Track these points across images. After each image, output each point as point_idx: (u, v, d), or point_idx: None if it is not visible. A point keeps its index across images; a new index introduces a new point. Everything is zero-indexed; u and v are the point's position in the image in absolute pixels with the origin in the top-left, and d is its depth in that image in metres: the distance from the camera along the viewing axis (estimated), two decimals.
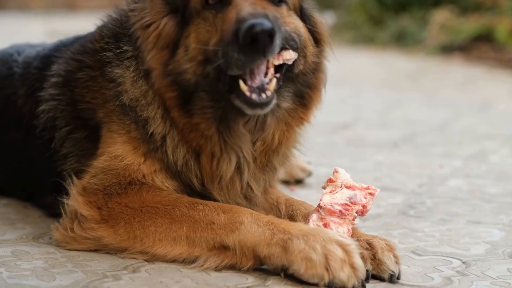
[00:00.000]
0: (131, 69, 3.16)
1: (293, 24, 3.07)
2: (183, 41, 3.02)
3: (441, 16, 13.01)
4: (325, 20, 3.33)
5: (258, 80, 2.87)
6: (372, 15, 14.72)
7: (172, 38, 3.03)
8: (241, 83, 2.86)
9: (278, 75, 2.96)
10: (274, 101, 2.92)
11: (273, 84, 2.91)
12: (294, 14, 3.14)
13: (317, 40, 3.22)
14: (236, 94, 2.89)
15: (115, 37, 3.25)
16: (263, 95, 2.86)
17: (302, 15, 3.19)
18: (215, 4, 2.98)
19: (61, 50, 3.54)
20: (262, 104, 2.87)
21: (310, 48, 3.14)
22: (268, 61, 2.89)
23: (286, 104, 3.12)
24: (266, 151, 3.17)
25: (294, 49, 2.99)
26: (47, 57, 3.59)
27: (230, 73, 2.85)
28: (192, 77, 2.98)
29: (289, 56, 2.96)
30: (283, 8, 3.07)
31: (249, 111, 2.91)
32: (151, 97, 3.10)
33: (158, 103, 3.09)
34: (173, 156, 3.10)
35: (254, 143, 3.13)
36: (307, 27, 3.16)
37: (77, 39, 3.60)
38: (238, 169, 3.13)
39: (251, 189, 3.20)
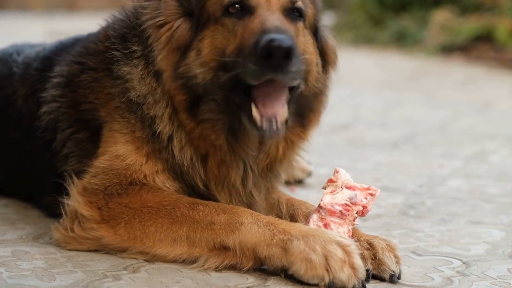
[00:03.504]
0: (140, 68, 3.14)
1: (303, 44, 3.05)
2: (195, 45, 3.00)
3: (441, 16, 13.01)
4: (335, 43, 3.29)
5: (272, 110, 2.84)
6: (372, 15, 14.72)
7: (185, 41, 3.02)
8: (253, 108, 2.84)
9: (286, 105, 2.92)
10: (283, 131, 2.89)
11: (285, 113, 2.88)
12: (308, 33, 3.12)
13: (325, 63, 3.20)
14: (247, 116, 2.87)
15: (122, 37, 3.23)
16: (274, 126, 2.83)
17: (316, 34, 3.18)
18: (236, 13, 2.97)
19: (63, 51, 3.53)
20: (272, 136, 2.88)
21: (314, 73, 3.10)
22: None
23: (289, 121, 3.11)
24: (270, 162, 3.19)
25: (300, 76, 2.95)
26: (48, 58, 3.58)
27: (248, 82, 2.81)
28: (201, 82, 2.98)
29: (296, 82, 2.93)
30: (299, 25, 3.06)
31: (255, 136, 2.92)
32: (159, 95, 3.09)
33: (166, 102, 3.08)
34: (179, 157, 3.09)
35: (258, 153, 3.13)
36: (318, 48, 3.15)
37: (78, 40, 3.59)
38: (244, 174, 3.14)
39: (252, 196, 3.20)
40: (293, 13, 3.03)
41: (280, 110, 2.86)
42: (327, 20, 3.46)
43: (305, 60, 2.99)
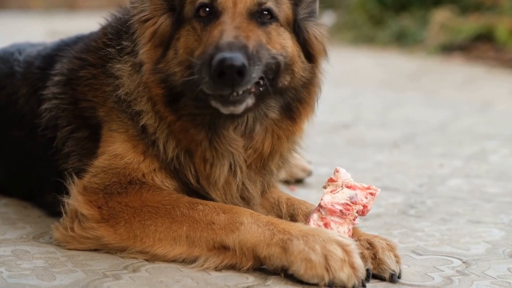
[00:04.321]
0: (129, 64, 3.17)
1: (280, 44, 3.04)
2: (174, 43, 3.04)
3: (441, 16, 13.02)
4: (323, 29, 3.25)
5: (223, 91, 2.85)
6: (372, 15, 14.72)
7: (166, 37, 3.06)
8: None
9: (253, 90, 2.92)
10: (249, 100, 2.90)
11: (242, 85, 2.85)
12: (285, 30, 3.09)
13: (310, 55, 3.18)
14: (212, 98, 2.89)
15: (117, 34, 3.27)
16: (234, 93, 2.83)
17: (295, 28, 3.15)
18: (205, 17, 2.98)
19: (64, 49, 3.55)
20: (235, 102, 2.85)
21: (299, 64, 3.10)
22: None
23: (273, 114, 3.11)
24: (260, 158, 3.17)
25: (275, 71, 2.98)
26: (50, 57, 3.59)
27: (204, 90, 2.85)
28: (180, 80, 3.00)
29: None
30: (272, 27, 3.04)
31: (224, 110, 2.89)
32: (142, 90, 3.11)
33: (147, 97, 3.10)
34: (164, 149, 3.11)
35: (246, 150, 3.13)
36: (298, 41, 3.14)
37: (80, 39, 3.61)
38: (232, 172, 3.13)
39: (248, 190, 3.20)
40: (263, 15, 3.02)
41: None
42: (326, 19, 3.44)
43: (286, 55, 3.02)
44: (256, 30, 2.96)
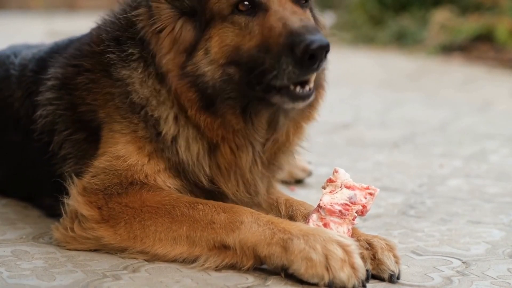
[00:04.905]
0: (139, 70, 3.13)
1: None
2: (202, 44, 3.00)
3: (441, 16, 13.02)
4: (324, 20, 3.36)
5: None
6: (372, 15, 14.72)
7: (190, 42, 3.02)
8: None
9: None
10: (313, 94, 2.97)
11: (314, 76, 2.93)
12: (310, 13, 3.16)
13: None
14: (277, 92, 2.91)
15: (117, 40, 3.22)
16: (307, 87, 2.90)
17: (312, 17, 3.20)
18: (246, 11, 2.97)
19: (57, 53, 3.52)
20: (305, 97, 2.92)
21: None
22: None
23: None
24: (275, 149, 3.20)
25: None
26: (43, 60, 3.57)
27: (279, 84, 2.86)
28: (210, 80, 2.98)
29: None
30: (307, 11, 3.10)
31: (289, 105, 2.95)
32: (164, 96, 3.09)
33: (171, 103, 3.08)
34: (184, 156, 3.10)
35: (266, 140, 3.14)
36: None
37: (70, 42, 3.58)
38: (253, 161, 3.15)
39: (256, 183, 3.20)
40: (301, 0, 3.06)
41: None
42: (326, 19, 3.47)
43: None
44: (299, 10, 3.00)
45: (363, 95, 8.92)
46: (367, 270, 2.78)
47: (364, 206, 2.94)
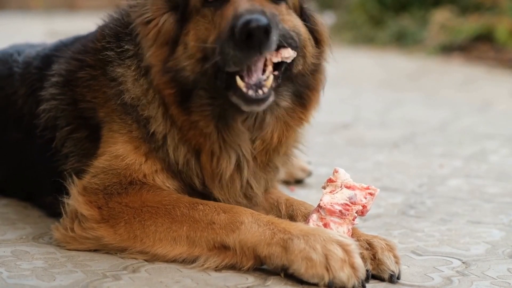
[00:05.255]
0: (132, 68, 3.16)
1: (292, 22, 3.06)
2: (182, 39, 3.02)
3: (441, 16, 13.01)
4: (325, 21, 3.33)
5: (255, 77, 2.86)
6: (372, 15, 14.72)
7: (172, 35, 3.04)
8: (238, 79, 2.86)
9: (276, 72, 2.95)
10: (271, 98, 2.90)
11: (270, 81, 2.89)
12: (293, 13, 3.13)
13: (317, 41, 3.21)
14: (233, 91, 2.89)
15: (116, 36, 3.25)
16: (260, 92, 2.85)
17: (302, 14, 3.19)
18: (214, 2, 2.98)
19: (62, 49, 3.54)
20: (259, 100, 2.86)
21: (310, 48, 3.13)
22: (266, 59, 2.88)
23: (285, 103, 3.12)
24: (266, 150, 3.17)
25: (293, 48, 2.98)
26: (48, 57, 3.59)
27: (227, 69, 2.85)
28: (191, 75, 2.99)
29: (288, 54, 2.95)
30: (282, 6, 3.06)
31: (245, 108, 2.91)
32: (151, 96, 3.11)
33: (158, 102, 3.09)
34: (174, 156, 3.11)
35: (253, 142, 3.12)
36: (307, 27, 3.16)
37: (77, 39, 3.60)
38: (238, 167, 3.13)
39: (251, 188, 3.20)
40: None
41: (261, 75, 2.87)
42: (326, 19, 3.47)
43: (299, 33, 3.04)
44: (268, 3, 2.98)
45: (363, 95, 8.92)
46: (367, 270, 2.78)
47: (364, 206, 2.94)
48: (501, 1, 12.96)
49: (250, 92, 2.85)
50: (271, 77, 2.91)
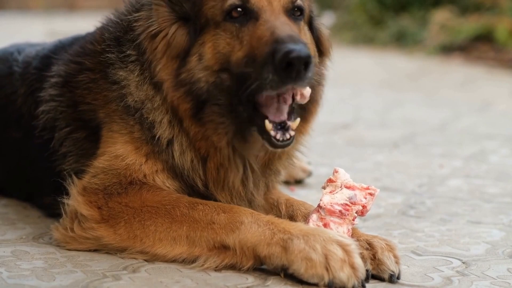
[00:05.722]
0: (136, 73, 3.13)
1: (306, 41, 3.05)
2: (196, 49, 2.99)
3: (441, 16, 13.01)
4: (328, 31, 3.33)
5: (283, 116, 2.89)
6: (372, 15, 14.72)
7: (184, 47, 3.01)
8: (267, 123, 2.87)
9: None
10: (294, 141, 2.94)
11: (296, 123, 2.92)
12: (306, 27, 3.14)
13: (320, 52, 3.24)
14: (259, 131, 2.92)
15: (117, 40, 3.22)
16: (287, 135, 2.89)
17: (311, 25, 3.20)
18: (238, 18, 2.96)
19: (60, 51, 3.53)
20: (284, 145, 2.90)
21: (315, 63, 3.10)
22: (293, 95, 2.91)
23: None
24: (269, 159, 3.20)
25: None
26: (47, 58, 3.58)
27: (266, 92, 2.84)
28: (205, 85, 2.97)
29: (308, 94, 2.97)
30: (302, 24, 3.08)
31: (270, 148, 2.93)
32: (158, 103, 3.08)
33: (166, 109, 3.07)
34: (179, 160, 3.10)
35: (259, 151, 3.14)
36: (313, 37, 3.17)
37: (76, 40, 3.59)
38: (243, 175, 3.14)
39: (252, 193, 3.20)
40: (295, 12, 3.04)
41: (286, 116, 2.90)
42: (326, 20, 3.48)
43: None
44: (293, 24, 2.98)
45: (363, 95, 8.92)
46: (367, 270, 2.78)
47: (364, 206, 2.94)
48: (501, 1, 12.96)
49: (278, 136, 2.88)
50: (298, 120, 2.93)
